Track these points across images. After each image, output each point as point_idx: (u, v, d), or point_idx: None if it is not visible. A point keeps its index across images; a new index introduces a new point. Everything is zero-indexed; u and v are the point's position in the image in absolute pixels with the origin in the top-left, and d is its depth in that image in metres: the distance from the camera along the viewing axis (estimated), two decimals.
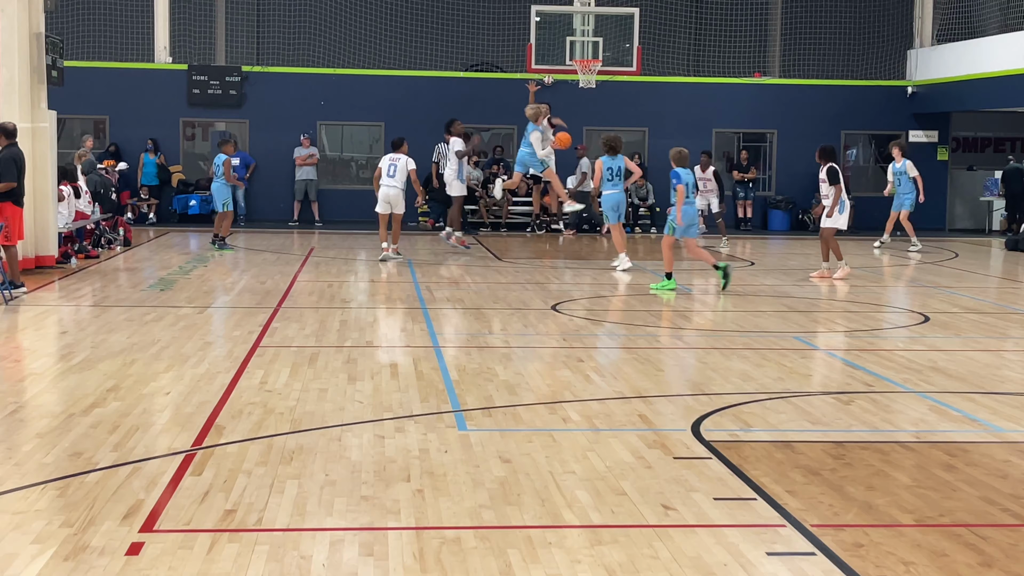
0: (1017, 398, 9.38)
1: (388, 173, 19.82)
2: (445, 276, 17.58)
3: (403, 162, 19.77)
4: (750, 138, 29.21)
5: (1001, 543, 5.83)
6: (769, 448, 7.64)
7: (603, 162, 18.40)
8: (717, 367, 10.44)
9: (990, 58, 25.41)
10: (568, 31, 25.90)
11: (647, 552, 5.63)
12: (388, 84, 27.87)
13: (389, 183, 19.75)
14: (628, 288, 16.38)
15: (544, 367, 10.41)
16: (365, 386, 9.44)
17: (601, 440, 7.77)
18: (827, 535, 5.91)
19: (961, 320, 14.06)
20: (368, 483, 6.72)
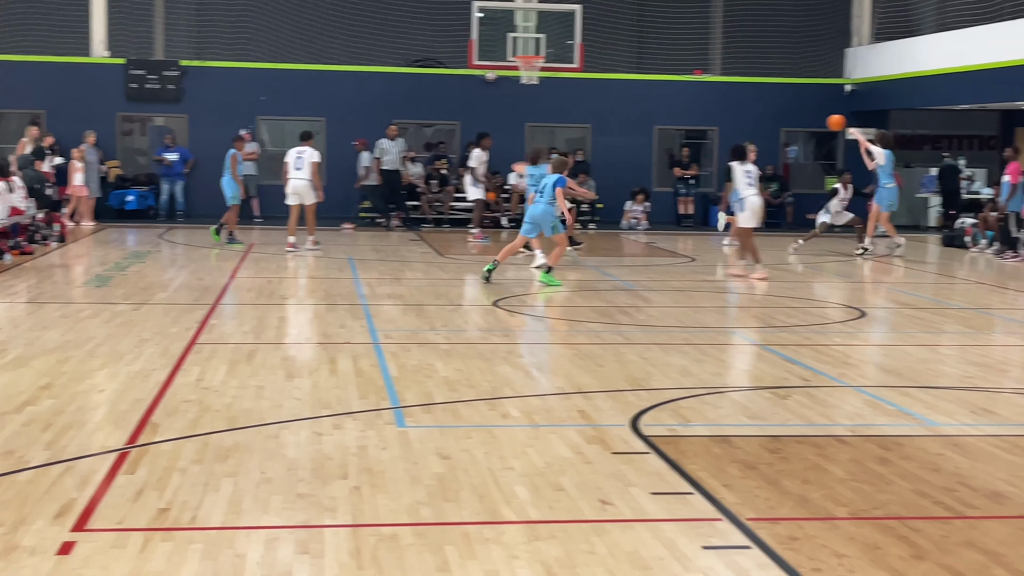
0: (951, 392, 9.49)
1: (295, 166, 20.14)
2: (386, 272, 17.52)
3: (307, 154, 20.07)
4: (692, 135, 29.36)
5: (933, 535, 5.90)
6: (707, 443, 7.68)
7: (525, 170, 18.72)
8: (656, 362, 10.48)
9: (927, 57, 25.71)
10: (510, 27, 25.90)
11: (584, 547, 5.64)
12: (329, 79, 27.74)
13: (296, 175, 20.08)
14: (569, 285, 16.41)
15: (484, 363, 10.40)
16: (303, 383, 9.39)
17: (540, 436, 7.77)
18: (762, 528, 5.95)
19: (897, 315, 14.21)
20: (305, 481, 6.67)
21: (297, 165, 20.14)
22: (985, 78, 23.53)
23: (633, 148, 28.63)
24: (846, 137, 26.09)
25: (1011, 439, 7.93)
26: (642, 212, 27.49)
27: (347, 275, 17.06)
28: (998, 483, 6.85)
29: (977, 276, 18.76)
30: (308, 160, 20.11)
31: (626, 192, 27.54)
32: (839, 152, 29.22)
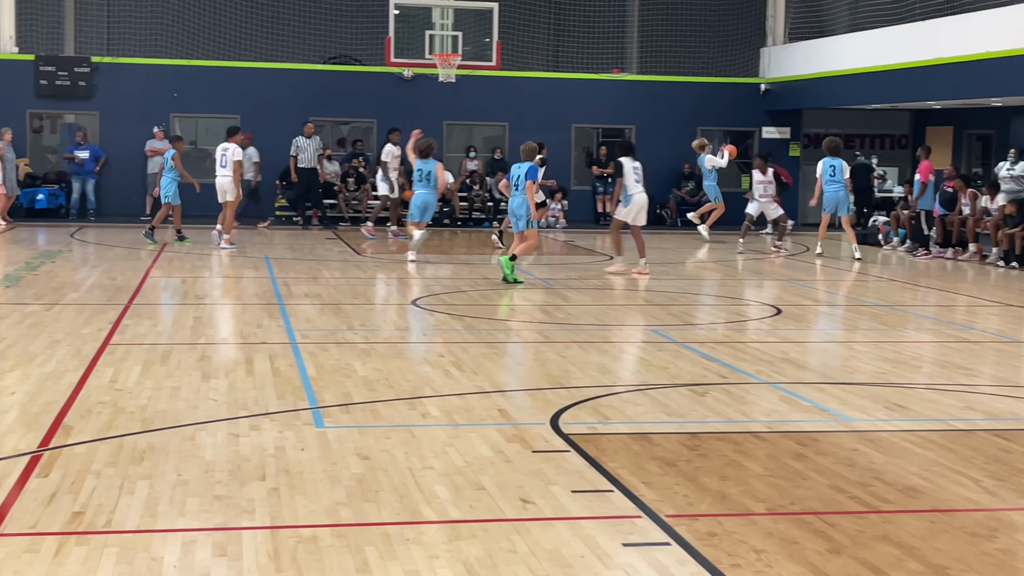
0: (865, 388, 9.62)
1: (220, 163, 20.52)
2: (303, 271, 17.39)
3: (231, 151, 20.40)
4: (609, 133, 29.47)
5: (849, 530, 5.97)
6: (626, 440, 7.71)
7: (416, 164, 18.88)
8: (576, 361, 10.51)
9: (840, 56, 26.06)
10: (427, 25, 25.85)
11: (505, 546, 5.63)
12: (244, 76, 27.46)
13: (221, 172, 20.49)
14: (488, 283, 16.40)
15: (404, 363, 10.36)
16: (219, 384, 9.28)
17: (460, 435, 7.75)
18: (682, 525, 5.98)
19: (812, 312, 14.39)
20: (222, 482, 6.59)
21: (222, 162, 20.45)
22: (896, 78, 23.91)
23: (551, 146, 28.63)
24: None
25: (924, 434, 8.05)
26: (560, 210, 27.57)
27: (263, 274, 16.91)
28: (912, 478, 6.95)
29: (890, 273, 19.06)
30: (231, 157, 20.32)
31: (545, 190, 27.54)
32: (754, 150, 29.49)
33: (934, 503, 6.48)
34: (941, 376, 10.33)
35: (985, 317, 14.36)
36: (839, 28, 27.79)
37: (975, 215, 21.05)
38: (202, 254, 19.68)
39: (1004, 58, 20.41)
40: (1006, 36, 20.34)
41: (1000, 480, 6.92)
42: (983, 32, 21.05)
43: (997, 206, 20.40)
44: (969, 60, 21.42)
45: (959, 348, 11.82)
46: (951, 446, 7.71)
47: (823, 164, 20.53)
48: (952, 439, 7.92)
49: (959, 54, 21.67)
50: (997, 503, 6.50)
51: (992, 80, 21.10)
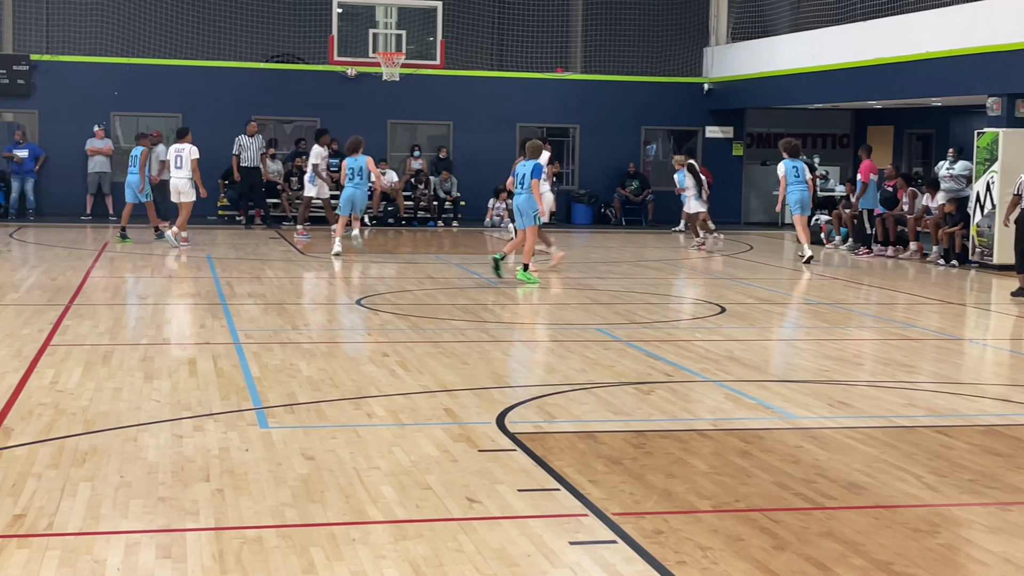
0: (808, 386, 9.70)
1: (175, 164, 20.62)
2: (246, 271, 17.28)
3: (186, 151, 20.49)
4: (553, 133, 29.50)
5: (793, 526, 6.01)
6: (572, 439, 7.72)
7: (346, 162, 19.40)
8: (522, 360, 10.52)
9: (782, 56, 26.26)
10: (371, 23, 25.76)
11: (452, 545, 5.62)
12: (185, 74, 27.23)
13: (177, 174, 20.57)
14: (433, 283, 16.38)
15: (349, 363, 10.32)
16: (162, 384, 9.20)
17: (406, 435, 7.73)
18: (628, 523, 5.99)
19: (755, 311, 14.48)
20: (166, 484, 6.53)
21: (177, 164, 20.59)
22: (838, 78, 24.12)
23: (495, 146, 28.68)
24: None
25: (866, 431, 8.13)
26: (505, 210, 27.53)
27: (206, 274, 16.78)
28: (855, 474, 7.01)
29: (832, 272, 19.22)
30: (187, 157, 20.48)
31: (489, 190, 27.56)
32: (699, 150, 29.68)
33: (877, 499, 6.54)
34: (883, 373, 10.43)
35: (926, 315, 14.52)
36: (781, 28, 28.01)
37: (913, 213, 21.27)
38: (144, 254, 19.50)
39: (944, 58, 20.65)
40: (946, 37, 20.58)
41: (942, 476, 7.00)
42: (923, 33, 21.29)
43: (937, 205, 20.63)
44: (909, 60, 21.65)
45: (900, 345, 11.94)
46: (893, 442, 7.79)
47: (785, 166, 20.17)
48: (894, 436, 8.00)
49: (900, 54, 21.90)
50: (939, 499, 6.58)
51: (932, 80, 21.35)
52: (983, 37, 19.58)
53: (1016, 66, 18.76)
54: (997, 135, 19.17)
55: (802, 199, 20.09)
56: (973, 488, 6.78)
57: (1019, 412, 9.01)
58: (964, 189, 20.39)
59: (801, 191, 20.02)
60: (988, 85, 19.65)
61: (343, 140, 26.97)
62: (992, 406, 9.21)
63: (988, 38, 19.45)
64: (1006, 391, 9.84)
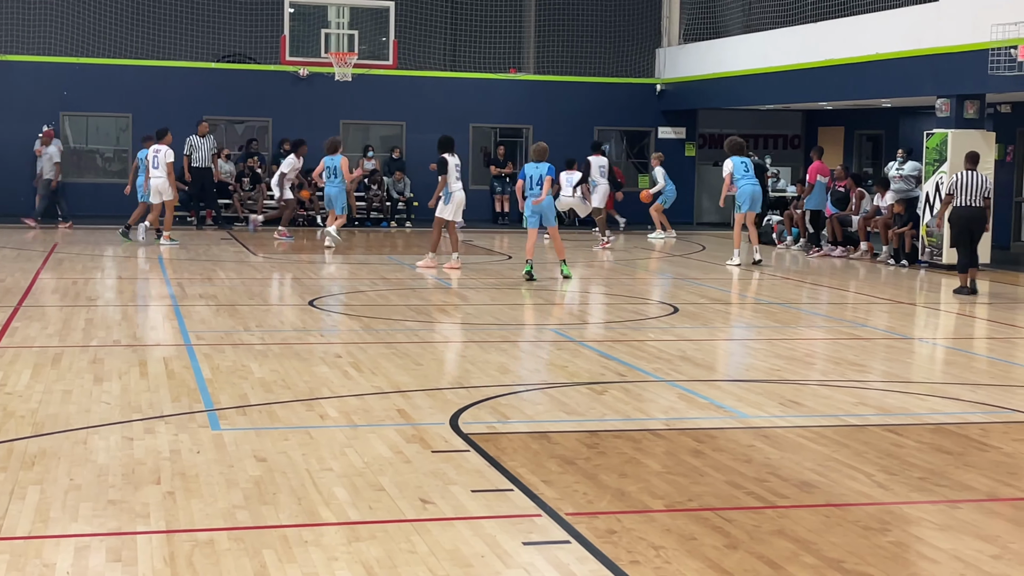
0: (760, 385, 9.75)
1: (153, 164, 20.99)
2: (197, 272, 17.16)
3: (163, 153, 20.89)
4: (506, 133, 29.54)
5: (746, 525, 6.04)
6: (526, 439, 7.72)
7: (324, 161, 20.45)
8: (475, 360, 10.51)
9: (733, 57, 26.39)
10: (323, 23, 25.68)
11: (405, 547, 5.60)
12: (136, 74, 27.01)
13: (154, 174, 20.97)
14: (387, 283, 16.33)
15: (301, 364, 10.27)
16: (112, 386, 9.11)
17: (359, 436, 7.70)
18: (581, 523, 6.00)
19: (708, 311, 14.54)
20: (116, 487, 6.48)
21: (154, 164, 20.99)
22: (789, 79, 24.28)
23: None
24: None
25: (818, 429, 8.18)
26: None
27: (157, 275, 16.65)
28: (806, 473, 7.06)
29: (783, 272, 19.34)
30: (163, 159, 20.87)
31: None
32: (650, 150, 29.78)
33: (828, 497, 6.59)
34: (834, 372, 10.51)
35: (876, 314, 14.64)
36: (733, 29, 28.15)
37: (858, 213, 21.43)
38: (94, 255, 19.33)
39: (893, 60, 20.84)
40: (895, 39, 20.77)
41: (892, 474, 7.06)
42: (873, 35, 21.47)
43: (887, 205, 20.80)
44: (860, 62, 21.83)
45: (851, 345, 12.03)
46: (844, 441, 7.85)
47: (733, 162, 19.86)
48: (845, 434, 8.06)
49: (850, 56, 22.07)
50: (889, 497, 6.63)
51: (882, 82, 21.53)
52: (932, 39, 19.78)
53: (964, 68, 18.96)
54: (946, 136, 19.37)
55: (754, 194, 19.75)
56: (923, 486, 6.84)
57: (968, 411, 9.10)
58: (913, 189, 20.57)
59: (753, 186, 19.81)
60: (937, 86, 19.84)
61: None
62: (941, 405, 9.30)
63: (937, 40, 19.65)
64: (955, 390, 9.94)
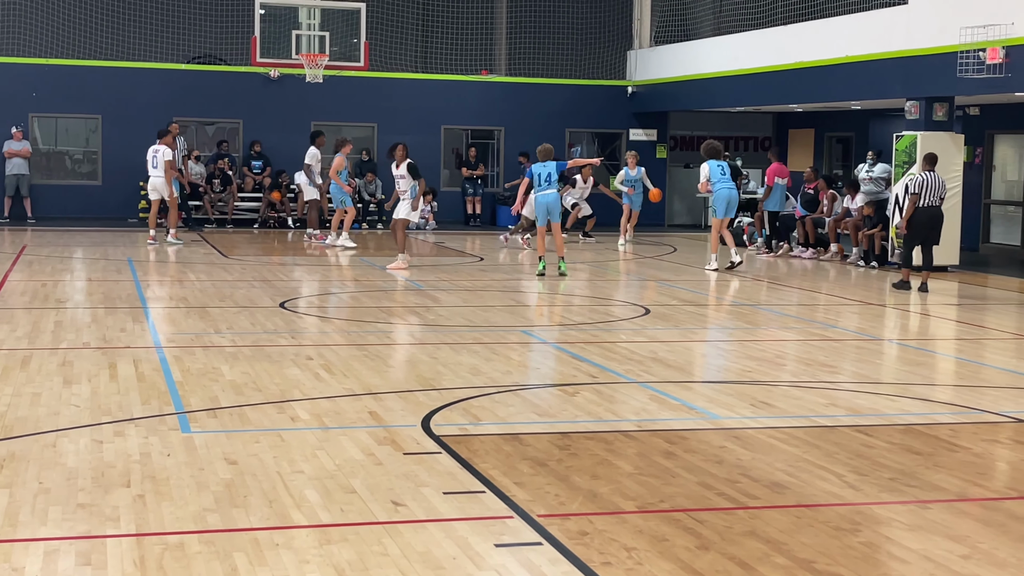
0: (731, 386, 9.78)
1: (152, 164, 21.52)
2: (168, 274, 17.08)
3: (161, 152, 21.35)
4: (478, 135, 29.54)
5: (717, 526, 6.05)
6: (498, 441, 7.71)
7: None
8: (447, 362, 10.49)
9: (704, 60, 26.46)
10: (294, 24, 25.60)
11: (377, 549, 5.59)
12: (105, 76, 26.87)
13: (154, 173, 21.46)
14: (358, 285, 16.30)
15: (272, 366, 10.23)
16: (82, 389, 9.06)
17: (331, 438, 7.68)
18: (553, 524, 6.00)
19: (679, 312, 14.57)
20: (85, 490, 6.43)
21: (154, 163, 21.45)
22: (759, 82, 24.37)
23: (420, 148, 28.59)
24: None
25: (788, 430, 8.21)
26: (429, 211, 27.51)
27: (126, 277, 16.56)
28: (777, 474, 7.08)
29: (754, 273, 19.40)
30: (161, 158, 21.27)
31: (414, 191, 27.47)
32: (622, 152, 29.84)
33: (799, 498, 6.61)
34: (805, 373, 10.55)
35: (846, 315, 14.70)
36: (704, 32, 28.23)
37: (830, 215, 21.52)
38: (63, 257, 19.21)
39: (862, 62, 20.94)
40: (865, 41, 20.87)
41: (862, 475, 7.09)
42: (842, 37, 21.57)
43: (857, 207, 20.89)
44: (829, 64, 21.92)
45: (822, 346, 12.08)
46: (815, 442, 7.87)
47: (710, 166, 19.52)
48: (816, 435, 8.09)
49: (820, 58, 22.17)
50: (860, 497, 6.65)
51: (851, 84, 21.63)
52: (901, 42, 19.88)
53: (933, 70, 19.07)
54: (915, 138, 19.47)
55: (730, 198, 19.59)
56: (893, 486, 6.87)
57: (938, 411, 9.15)
58: (883, 191, 20.67)
59: (730, 189, 19.75)
60: (906, 89, 19.95)
61: (267, 144, 26.93)
62: (911, 405, 9.35)
63: (906, 43, 19.75)
64: (925, 390, 9.99)
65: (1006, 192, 24.04)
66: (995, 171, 24.21)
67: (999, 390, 9.99)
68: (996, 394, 9.78)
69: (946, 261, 19.66)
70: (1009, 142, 23.86)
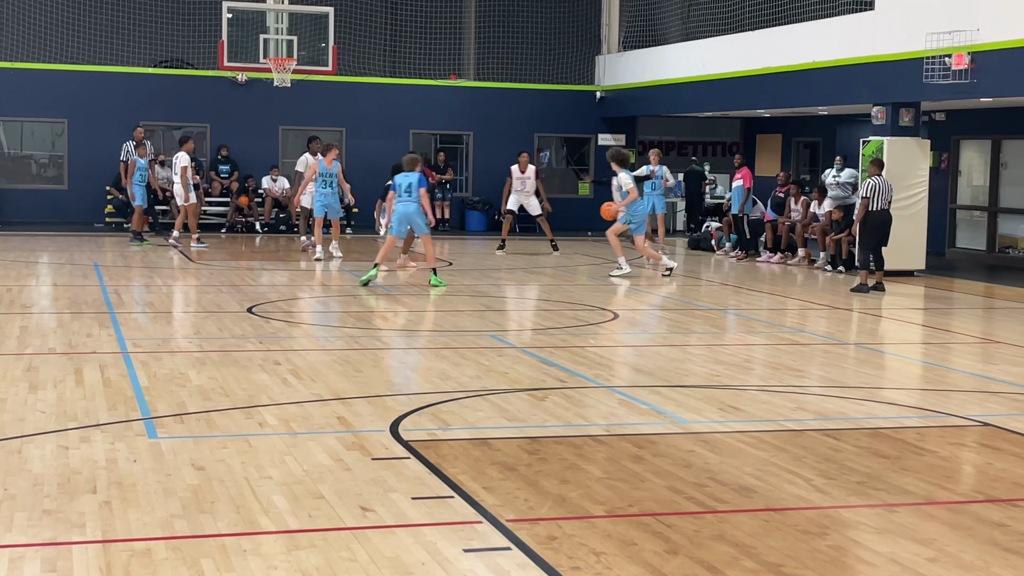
0: (700, 390, 9.80)
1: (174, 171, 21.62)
2: (135, 279, 16.99)
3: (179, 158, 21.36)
4: (447, 140, 29.52)
5: (686, 530, 6.06)
6: (467, 446, 7.70)
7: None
8: (416, 367, 10.48)
9: (673, 65, 26.53)
10: (262, 28, 25.51)
11: (345, 555, 5.57)
12: (72, 79, 26.70)
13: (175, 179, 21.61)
14: (326, 290, 16.25)
15: (240, 371, 10.19)
16: (48, 395, 8.99)
17: (299, 443, 7.65)
18: (522, 529, 5.99)
19: (648, 316, 14.60)
20: (51, 496, 6.39)
21: (175, 171, 21.51)
22: (727, 87, 24.45)
23: (389, 152, 28.56)
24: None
25: (757, 434, 8.23)
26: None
27: (93, 282, 16.45)
28: (746, 477, 7.10)
29: (722, 277, 19.45)
30: (179, 164, 21.32)
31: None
32: (591, 157, 29.91)
33: (767, 502, 6.63)
34: (773, 378, 10.58)
35: (814, 320, 14.76)
36: (672, 37, 28.30)
37: (805, 220, 21.62)
38: (28, 262, 19.08)
39: (830, 68, 21.04)
40: (832, 47, 20.98)
41: (830, 479, 7.11)
42: (810, 43, 21.67)
43: (824, 212, 20.99)
44: (797, 70, 22.01)
45: (789, 350, 12.12)
46: (783, 446, 7.90)
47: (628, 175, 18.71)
48: (784, 439, 8.11)
49: (787, 64, 22.26)
50: (828, 501, 6.68)
51: (818, 89, 21.73)
52: (868, 48, 20.00)
53: (900, 76, 19.18)
54: (882, 143, 19.58)
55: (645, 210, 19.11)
56: (861, 490, 6.90)
57: (905, 415, 9.20)
58: (850, 196, 20.77)
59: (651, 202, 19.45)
60: (873, 94, 20.06)
61: (235, 147, 26.83)
62: (879, 409, 9.39)
63: (873, 48, 19.87)
64: (892, 394, 10.04)
65: (972, 197, 24.21)
66: (961, 176, 24.38)
67: (965, 394, 10.05)
68: (962, 398, 9.84)
69: (912, 266, 19.80)
70: (975, 147, 24.03)
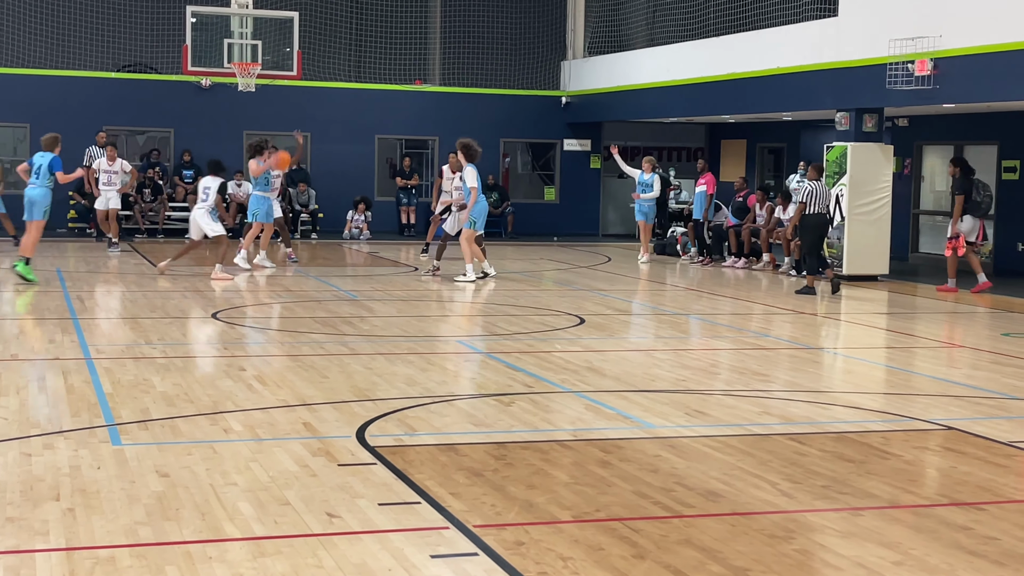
0: (666, 395, 9.82)
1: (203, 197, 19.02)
2: (98, 285, 16.86)
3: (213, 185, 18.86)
4: (412, 145, 29.49)
5: (653, 535, 6.06)
6: (434, 451, 7.69)
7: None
8: (382, 372, 10.45)
9: (637, 71, 26.61)
10: (226, 33, 25.39)
11: (311, 561, 5.54)
12: (33, 84, 26.50)
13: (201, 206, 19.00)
14: (291, 295, 16.19)
15: (204, 377, 10.13)
16: (10, 402, 8.91)
17: (264, 450, 7.61)
18: (489, 535, 5.98)
19: (614, 321, 14.62)
20: (14, 504, 6.32)
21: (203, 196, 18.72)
22: (692, 92, 24.54)
23: (354, 157, 28.56)
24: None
25: (723, 439, 8.25)
26: (364, 221, 27.42)
27: (55, 288, 16.33)
28: (712, 482, 7.11)
29: (687, 282, 19.51)
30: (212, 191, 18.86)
31: (348, 201, 27.42)
32: (556, 162, 29.95)
33: (734, 506, 6.64)
34: (738, 382, 10.61)
35: (779, 324, 14.82)
36: (637, 43, 28.39)
37: (769, 226, 21.71)
38: None
39: (794, 74, 21.16)
40: (796, 53, 21.09)
41: (796, 483, 7.14)
42: (774, 49, 21.79)
43: (788, 217, 21.08)
44: (761, 76, 22.13)
45: (755, 355, 12.16)
46: (749, 450, 7.92)
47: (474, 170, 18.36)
48: (750, 443, 8.14)
49: (752, 70, 22.37)
50: (794, 505, 6.70)
51: (783, 95, 21.85)
52: (832, 54, 20.12)
53: (863, 82, 19.31)
54: (845, 149, 19.70)
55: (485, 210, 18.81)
56: (826, 494, 6.92)
57: (869, 419, 9.25)
58: None
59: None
60: (837, 100, 20.18)
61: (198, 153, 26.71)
62: (843, 413, 9.43)
63: (836, 55, 19.99)
64: (857, 399, 10.09)
65: (935, 202, 24.38)
66: (924, 182, 24.55)
67: (929, 398, 10.12)
68: (926, 402, 9.91)
69: (876, 270, 19.93)
70: (937, 153, 24.20)
